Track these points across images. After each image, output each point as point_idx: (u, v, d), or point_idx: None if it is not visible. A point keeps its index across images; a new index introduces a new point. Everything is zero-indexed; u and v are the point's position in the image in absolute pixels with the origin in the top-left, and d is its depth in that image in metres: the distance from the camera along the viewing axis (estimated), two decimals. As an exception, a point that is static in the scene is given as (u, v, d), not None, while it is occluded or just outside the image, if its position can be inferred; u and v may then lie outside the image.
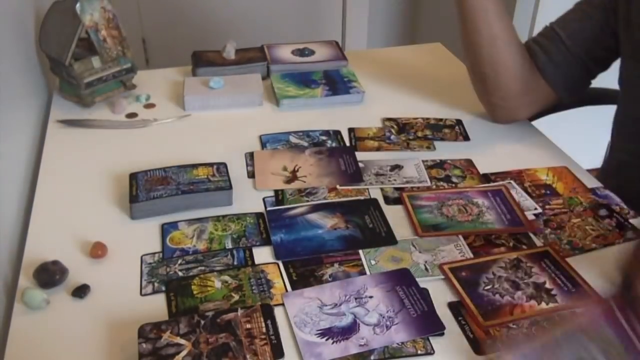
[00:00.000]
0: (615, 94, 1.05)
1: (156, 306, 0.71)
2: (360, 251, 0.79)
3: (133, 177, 0.90)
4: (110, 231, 0.83)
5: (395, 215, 0.86)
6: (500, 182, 0.93)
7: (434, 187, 0.92)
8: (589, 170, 0.99)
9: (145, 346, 0.64)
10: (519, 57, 1.00)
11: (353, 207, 0.87)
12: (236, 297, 0.72)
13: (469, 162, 0.98)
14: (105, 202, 0.88)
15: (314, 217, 0.85)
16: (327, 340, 0.67)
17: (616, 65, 1.01)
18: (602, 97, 1.18)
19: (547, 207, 0.88)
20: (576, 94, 1.03)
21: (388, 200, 0.89)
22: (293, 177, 0.94)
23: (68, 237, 0.81)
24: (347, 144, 1.03)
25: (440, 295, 0.73)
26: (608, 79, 1.05)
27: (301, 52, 1.28)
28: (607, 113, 1.09)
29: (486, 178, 0.95)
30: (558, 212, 0.87)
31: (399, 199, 0.89)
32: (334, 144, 1.03)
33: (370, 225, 0.83)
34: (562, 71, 1.00)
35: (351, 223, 0.84)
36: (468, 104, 1.13)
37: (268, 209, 0.87)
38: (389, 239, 0.81)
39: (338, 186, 0.92)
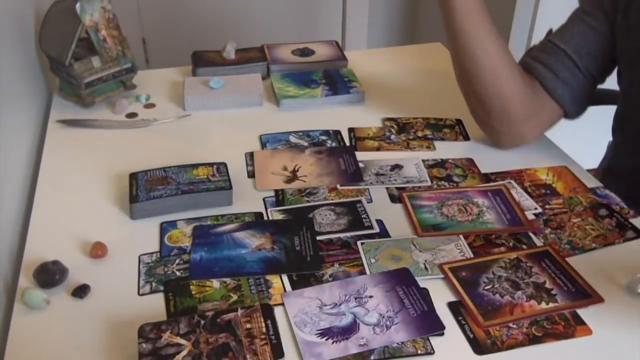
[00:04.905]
0: (616, 94, 1.04)
1: (155, 306, 0.71)
2: (360, 249, 0.79)
3: (133, 177, 0.90)
4: (110, 231, 0.83)
5: (395, 215, 0.86)
6: (500, 182, 0.93)
7: (435, 186, 0.92)
8: (589, 170, 0.99)
9: (145, 346, 0.64)
10: (521, 81, 0.96)
11: (284, 227, 0.82)
12: (234, 297, 0.72)
13: (470, 162, 0.98)
14: (105, 202, 0.88)
15: (241, 235, 0.81)
16: (327, 340, 0.67)
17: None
18: (602, 97, 1.17)
19: (547, 207, 0.88)
20: (583, 107, 1.00)
21: (393, 199, 0.90)
22: (293, 177, 0.94)
23: (68, 237, 0.81)
24: (347, 143, 1.03)
25: (440, 295, 0.73)
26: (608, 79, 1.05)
27: (301, 52, 1.28)
28: (607, 113, 1.09)
29: (486, 178, 0.95)
30: (558, 212, 0.87)
31: (399, 198, 0.89)
32: (334, 144, 1.03)
33: (297, 247, 0.79)
34: (570, 87, 0.96)
35: (278, 244, 0.79)
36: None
37: (195, 225, 0.83)
38: (314, 264, 0.77)
39: (338, 186, 0.92)
